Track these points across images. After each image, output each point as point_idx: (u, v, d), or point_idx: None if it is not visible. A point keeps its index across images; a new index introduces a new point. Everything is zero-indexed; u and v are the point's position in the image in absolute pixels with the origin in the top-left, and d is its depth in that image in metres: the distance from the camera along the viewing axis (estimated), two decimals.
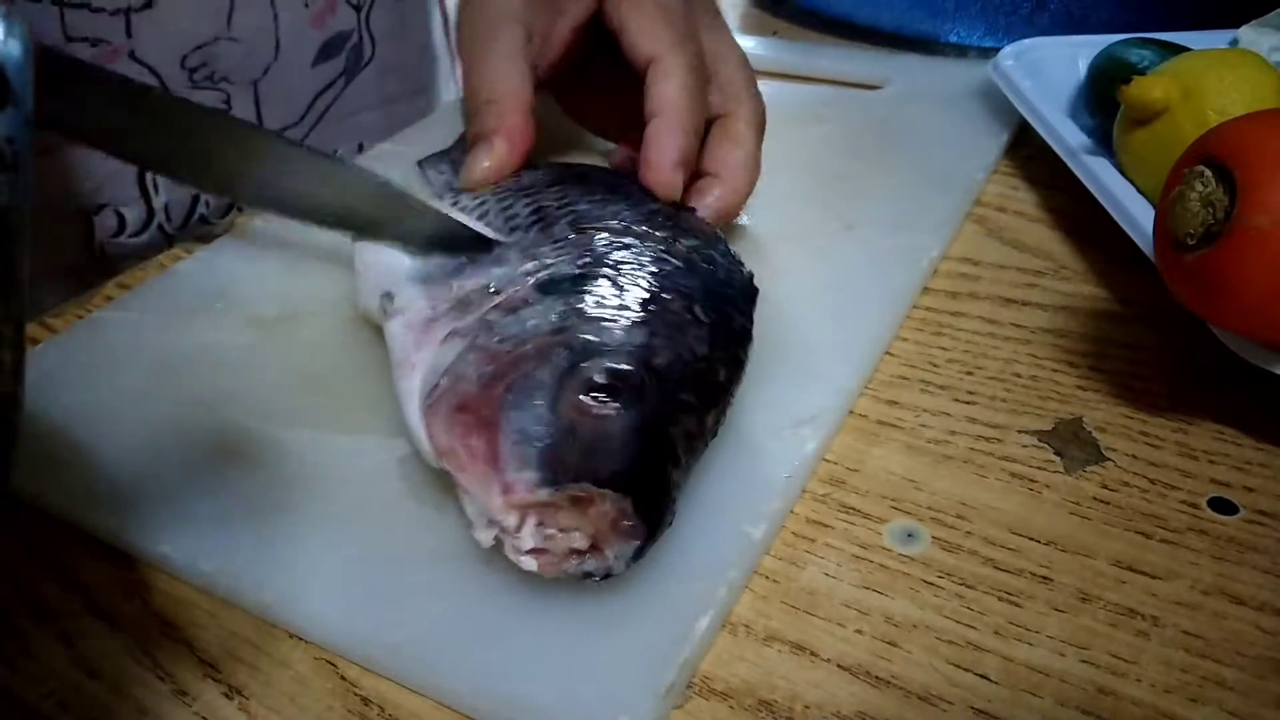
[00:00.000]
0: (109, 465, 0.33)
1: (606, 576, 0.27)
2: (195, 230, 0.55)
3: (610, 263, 0.33)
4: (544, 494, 0.26)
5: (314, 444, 0.34)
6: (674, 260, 0.34)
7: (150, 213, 0.54)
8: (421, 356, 0.31)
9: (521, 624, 0.28)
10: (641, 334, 0.30)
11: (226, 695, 0.27)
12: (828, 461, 0.34)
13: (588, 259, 0.33)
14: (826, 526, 0.32)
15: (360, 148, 0.62)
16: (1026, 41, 0.56)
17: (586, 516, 0.27)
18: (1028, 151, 0.53)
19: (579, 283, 0.32)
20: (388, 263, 0.36)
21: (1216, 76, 0.42)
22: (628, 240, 0.34)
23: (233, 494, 0.32)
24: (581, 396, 0.28)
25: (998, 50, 0.56)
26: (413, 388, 0.31)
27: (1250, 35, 0.53)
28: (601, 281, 0.32)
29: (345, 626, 0.28)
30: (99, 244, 0.53)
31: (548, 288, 0.32)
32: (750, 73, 0.44)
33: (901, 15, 0.66)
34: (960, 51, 0.65)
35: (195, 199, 0.55)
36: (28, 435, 0.20)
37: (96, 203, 0.52)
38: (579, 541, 0.27)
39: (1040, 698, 0.26)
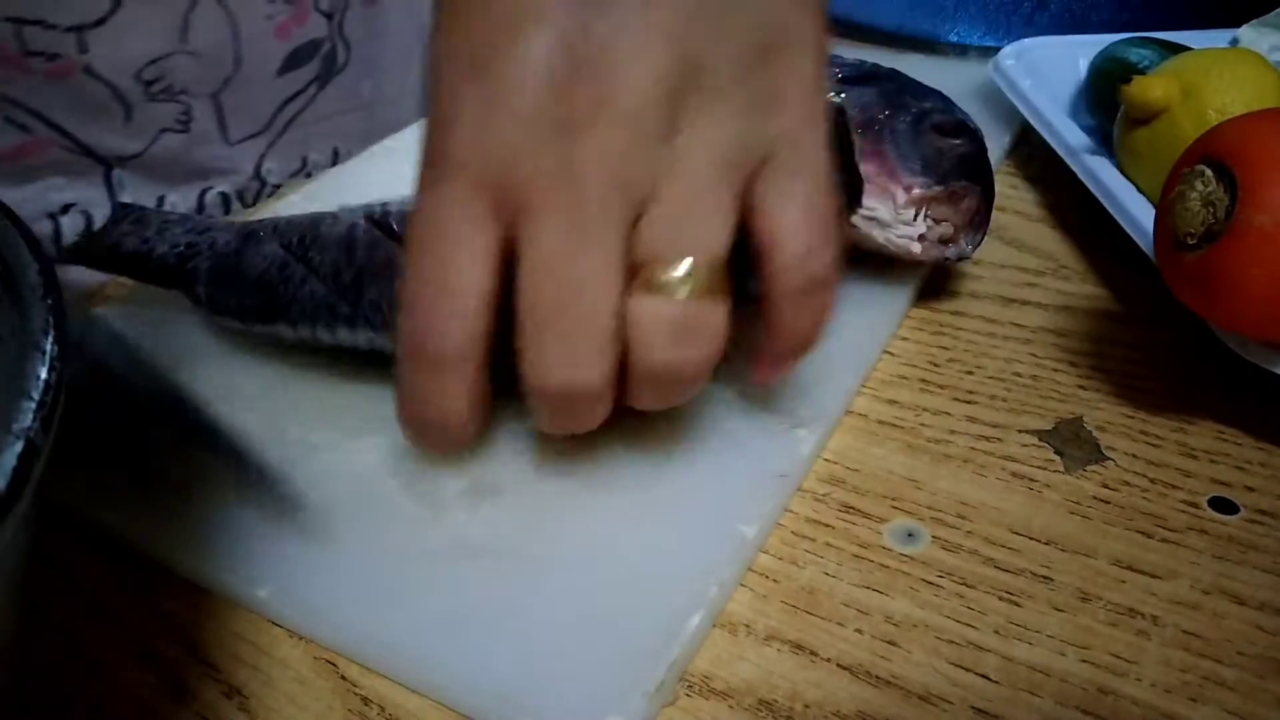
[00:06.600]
0: (108, 465, 0.33)
1: (960, 260, 0.40)
2: None
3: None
4: (936, 190, 0.38)
5: (313, 442, 0.34)
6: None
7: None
8: None
9: (515, 623, 0.28)
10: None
11: (226, 695, 0.27)
12: (827, 461, 0.34)
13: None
14: (826, 526, 0.32)
15: (336, 153, 0.60)
16: (1026, 41, 0.56)
17: (957, 209, 0.39)
18: (1028, 151, 0.53)
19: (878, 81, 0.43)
20: None
21: (1216, 76, 0.42)
22: None
23: (232, 493, 0.32)
24: (939, 133, 0.40)
25: (998, 50, 0.56)
26: None
27: (1250, 35, 0.53)
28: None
29: (345, 626, 0.28)
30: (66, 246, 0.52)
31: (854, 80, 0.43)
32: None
33: (902, 15, 0.66)
34: (960, 51, 0.65)
35: (160, 199, 0.55)
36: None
37: (61, 203, 0.52)
38: (947, 230, 0.39)
39: (1040, 697, 0.26)
